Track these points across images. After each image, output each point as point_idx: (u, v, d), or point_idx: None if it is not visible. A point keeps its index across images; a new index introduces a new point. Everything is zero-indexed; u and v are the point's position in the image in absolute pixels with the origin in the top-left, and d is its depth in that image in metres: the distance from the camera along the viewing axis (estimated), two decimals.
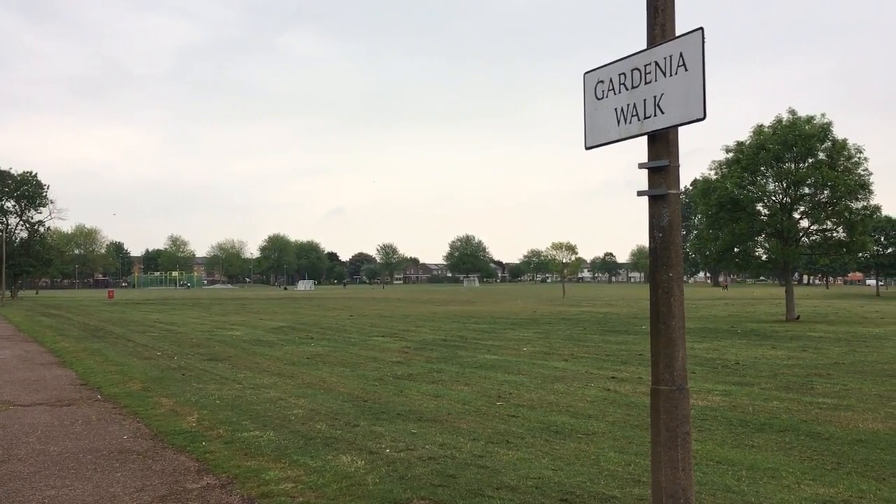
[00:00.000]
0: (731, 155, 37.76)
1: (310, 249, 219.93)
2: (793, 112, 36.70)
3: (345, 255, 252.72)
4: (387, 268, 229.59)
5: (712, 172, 38.77)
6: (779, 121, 36.74)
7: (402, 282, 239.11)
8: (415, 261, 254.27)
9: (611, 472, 7.65)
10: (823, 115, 36.23)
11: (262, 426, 10.10)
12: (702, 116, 4.21)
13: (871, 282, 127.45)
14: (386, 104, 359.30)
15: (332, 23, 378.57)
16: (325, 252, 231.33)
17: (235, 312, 44.80)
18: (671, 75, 4.38)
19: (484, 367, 16.68)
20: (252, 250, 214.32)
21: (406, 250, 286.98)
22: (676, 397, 4.46)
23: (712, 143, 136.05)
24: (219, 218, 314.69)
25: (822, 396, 12.68)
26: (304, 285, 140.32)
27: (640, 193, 4.66)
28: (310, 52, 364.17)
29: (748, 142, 37.13)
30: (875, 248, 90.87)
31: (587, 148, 5.12)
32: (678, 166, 4.58)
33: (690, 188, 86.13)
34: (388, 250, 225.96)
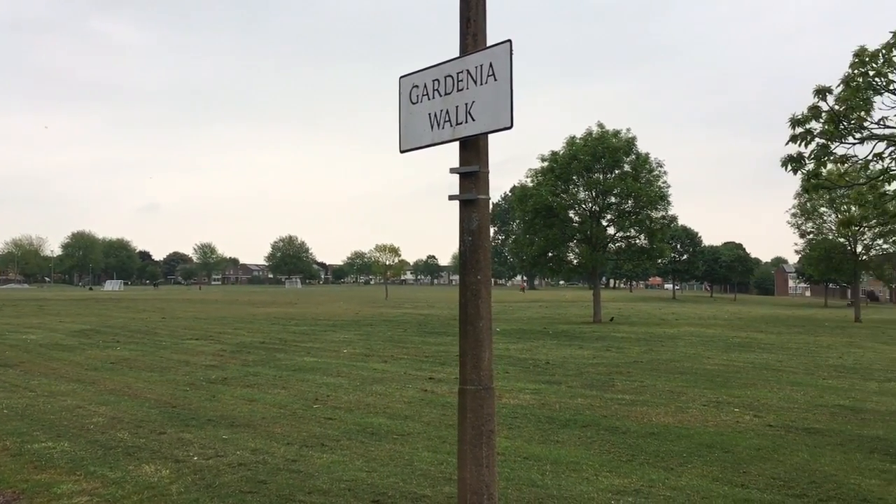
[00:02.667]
0: (546, 164, 39.63)
1: (119, 248, 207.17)
2: (601, 126, 39.09)
3: (159, 255, 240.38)
4: (204, 268, 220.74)
5: (529, 180, 40.50)
6: (589, 133, 39.01)
7: (220, 283, 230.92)
8: (234, 261, 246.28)
9: (423, 472, 7.76)
10: (629, 129, 38.96)
11: (56, 436, 9.38)
12: (509, 125, 4.37)
13: (669, 286, 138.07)
14: (205, 99, 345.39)
15: (152, 10, 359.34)
16: (137, 251, 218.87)
17: (32, 314, 41.35)
18: (482, 84, 4.52)
19: (302, 370, 16.43)
20: (53, 247, 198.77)
21: (225, 250, 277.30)
22: (483, 396, 4.60)
23: (533, 151, 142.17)
24: (13, 212, 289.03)
25: (621, 393, 13.56)
26: (112, 285, 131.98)
27: (451, 197, 4.76)
28: (125, 40, 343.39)
29: (562, 152, 39.13)
30: (672, 254, 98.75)
31: (402, 151, 5.17)
32: (488, 172, 4.72)
33: (510, 194, 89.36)
34: (205, 250, 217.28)
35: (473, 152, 4.68)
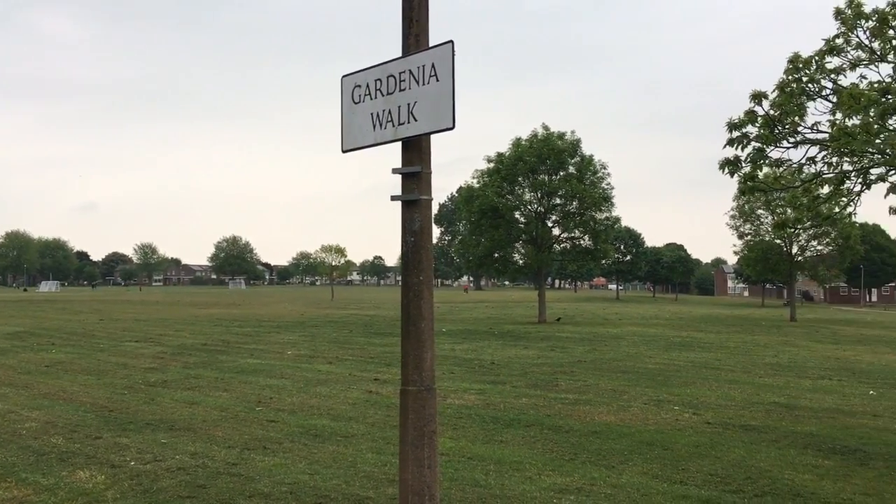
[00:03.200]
0: (492, 165, 39.83)
1: (55, 248, 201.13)
2: (546, 128, 39.47)
3: (97, 255, 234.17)
4: (145, 269, 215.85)
5: (475, 181, 40.66)
6: (535, 135, 39.34)
7: (161, 284, 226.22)
8: (176, 262, 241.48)
9: (367, 474, 7.72)
10: (573, 132, 39.44)
11: None
12: (451, 126, 4.37)
13: (613, 286, 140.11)
14: (145, 96, 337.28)
15: (87, 3, 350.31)
16: (74, 251, 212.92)
17: None
18: (424, 84, 4.51)
19: (245, 372, 16.20)
20: None
21: (167, 250, 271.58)
22: (424, 397, 4.59)
23: (479, 152, 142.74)
24: None
25: (565, 392, 13.70)
26: (48, 286, 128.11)
27: (393, 198, 4.74)
28: (60, 34, 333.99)
29: (507, 153, 39.38)
30: (616, 255, 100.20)
31: (344, 151, 5.13)
32: (430, 173, 4.72)
33: (456, 195, 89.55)
34: (146, 250, 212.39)
35: (416, 153, 4.67)
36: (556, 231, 41.07)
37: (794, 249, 49.08)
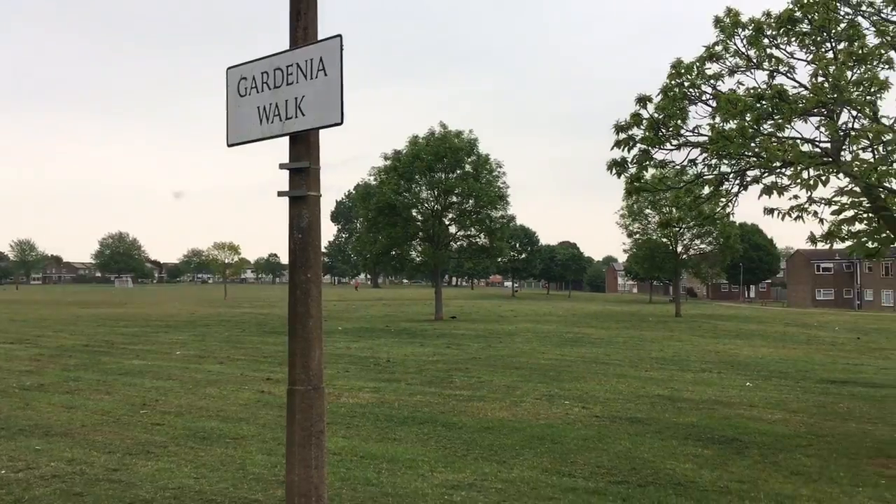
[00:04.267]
0: (389, 162, 39.75)
1: None
2: (444, 126, 39.70)
3: None
4: (22, 266, 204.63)
5: (372, 178, 40.50)
6: (432, 133, 39.50)
7: (41, 282, 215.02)
8: (57, 259, 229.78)
9: (256, 476, 7.55)
10: (471, 130, 39.83)
11: None
12: (339, 121, 4.31)
13: (509, 284, 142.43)
14: (18, 84, 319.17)
15: None
16: None
17: None
18: (312, 78, 4.42)
19: (130, 374, 15.56)
20: None
21: (46, 247, 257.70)
22: (312, 397, 4.51)
23: (377, 149, 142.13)
24: None
25: (459, 389, 13.81)
26: None
27: (280, 194, 4.63)
28: None
29: (405, 151, 39.38)
30: (511, 253, 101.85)
31: (229, 145, 4.98)
32: (319, 169, 4.64)
33: (353, 192, 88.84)
34: (23, 247, 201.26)
35: (304, 148, 4.58)
36: (452, 229, 41.38)
37: (679, 248, 51.19)
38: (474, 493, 7.08)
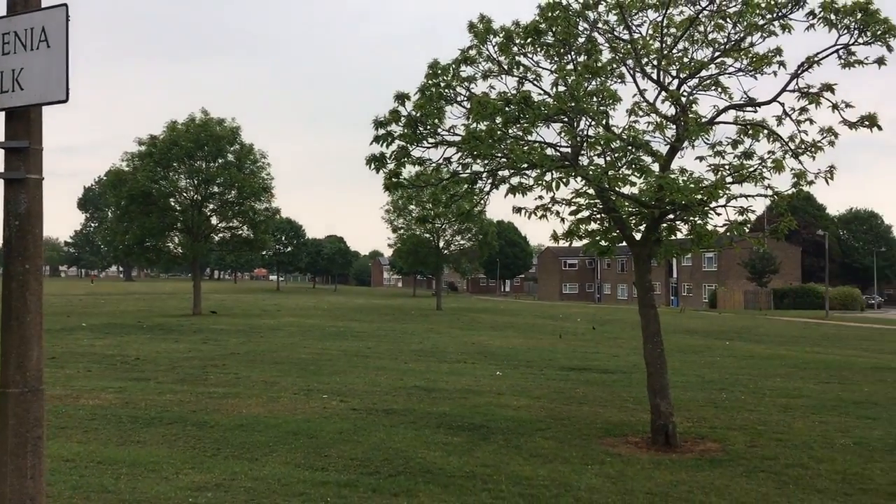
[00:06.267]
0: (144, 148, 37.43)
1: None
2: (206, 112, 38.11)
3: None
4: None
5: (125, 164, 37.92)
6: (192, 119, 37.75)
7: None
8: None
9: None
10: (234, 119, 38.60)
11: None
12: (64, 98, 3.94)
13: (274, 277, 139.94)
14: None
15: None
16: None
17: None
18: (32, 49, 4.01)
19: None
20: None
21: None
22: (29, 400, 4.10)
23: (130, 133, 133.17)
24: None
25: (214, 386, 13.29)
26: None
27: None
28: None
29: (162, 136, 37.29)
30: (277, 246, 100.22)
31: None
32: (41, 149, 4.22)
33: (104, 178, 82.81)
34: None
35: (23, 125, 4.14)
36: (214, 220, 39.85)
37: (442, 243, 53.15)
38: (222, 493, 6.84)
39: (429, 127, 9.73)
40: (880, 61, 8.79)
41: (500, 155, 9.45)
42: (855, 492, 7.35)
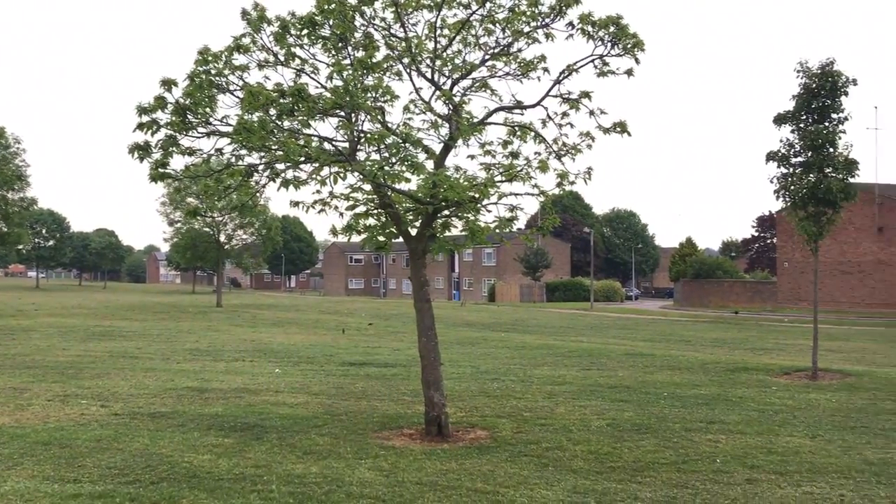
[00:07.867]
0: None
1: None
2: None
3: None
4: None
5: None
6: None
7: None
8: None
9: None
10: None
11: None
12: None
13: (33, 273, 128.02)
14: None
15: None
16: None
17: None
18: None
19: None
20: None
21: None
22: None
23: None
24: None
25: None
26: None
27: None
28: None
29: None
30: (36, 240, 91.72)
31: None
32: None
33: None
34: None
35: None
36: None
37: (223, 238, 51.13)
38: None
39: (199, 116, 9.27)
40: (629, 72, 9.56)
41: (275, 147, 9.20)
42: (605, 469, 7.96)
